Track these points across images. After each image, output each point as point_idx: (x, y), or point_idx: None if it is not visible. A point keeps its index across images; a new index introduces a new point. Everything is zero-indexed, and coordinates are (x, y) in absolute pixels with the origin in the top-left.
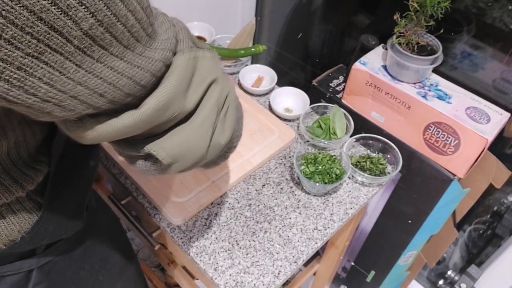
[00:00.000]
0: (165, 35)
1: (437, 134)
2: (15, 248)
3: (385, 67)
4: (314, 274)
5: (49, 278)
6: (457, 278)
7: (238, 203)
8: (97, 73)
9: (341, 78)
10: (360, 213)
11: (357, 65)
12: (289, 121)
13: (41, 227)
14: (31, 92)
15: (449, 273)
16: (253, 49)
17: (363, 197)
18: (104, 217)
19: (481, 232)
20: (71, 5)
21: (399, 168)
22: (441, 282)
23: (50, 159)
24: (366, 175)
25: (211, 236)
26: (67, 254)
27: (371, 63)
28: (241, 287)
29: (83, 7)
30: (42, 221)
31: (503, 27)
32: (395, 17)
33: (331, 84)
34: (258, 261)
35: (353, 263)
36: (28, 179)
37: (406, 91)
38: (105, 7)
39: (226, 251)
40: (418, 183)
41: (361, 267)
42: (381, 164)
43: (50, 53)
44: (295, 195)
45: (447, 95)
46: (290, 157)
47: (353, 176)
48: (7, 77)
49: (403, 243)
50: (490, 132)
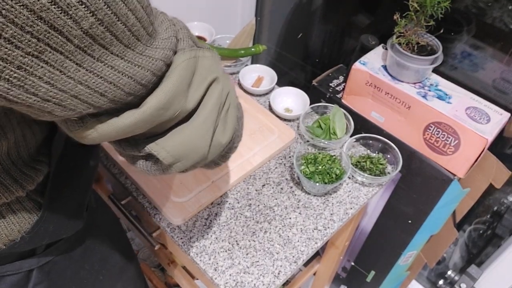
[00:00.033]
0: (166, 34)
1: (437, 134)
2: (15, 248)
3: (385, 67)
4: (314, 274)
5: (49, 278)
6: (457, 278)
7: (238, 203)
8: (97, 72)
9: (341, 78)
10: (360, 213)
11: (357, 65)
12: (289, 121)
13: (41, 227)
14: (31, 91)
15: (449, 273)
16: (253, 49)
17: (363, 197)
18: (104, 217)
19: (481, 232)
20: (71, 4)
21: (399, 168)
22: (441, 282)
23: (50, 159)
24: (366, 175)
25: (211, 236)
26: (67, 254)
27: (371, 63)
28: (241, 287)
29: (83, 6)
30: (42, 221)
31: (503, 27)
32: (395, 17)
33: (331, 84)
34: (258, 261)
35: (353, 263)
36: (28, 179)
37: (406, 91)
38: (106, 6)
39: (226, 251)
40: (418, 183)
41: (361, 267)
42: (381, 164)
43: (50, 52)
44: (295, 195)
45: (447, 95)
46: (290, 157)
47: (353, 176)
48: (7, 77)
49: (403, 243)
50: (490, 132)
